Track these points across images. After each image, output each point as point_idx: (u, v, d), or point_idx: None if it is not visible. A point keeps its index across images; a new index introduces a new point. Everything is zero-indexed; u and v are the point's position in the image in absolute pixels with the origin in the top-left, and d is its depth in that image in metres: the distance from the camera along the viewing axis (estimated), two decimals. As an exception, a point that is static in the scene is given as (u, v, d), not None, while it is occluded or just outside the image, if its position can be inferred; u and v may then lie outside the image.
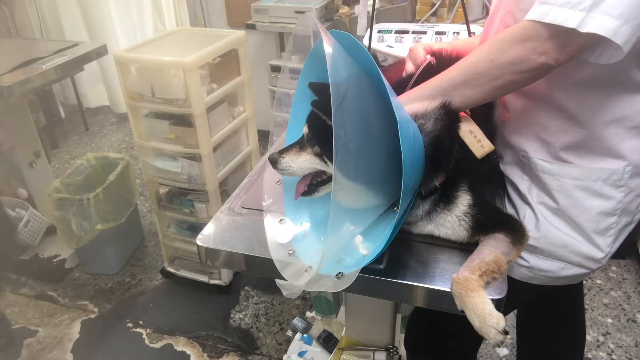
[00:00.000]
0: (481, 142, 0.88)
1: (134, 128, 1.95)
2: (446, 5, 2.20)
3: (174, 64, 1.73)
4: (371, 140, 0.76)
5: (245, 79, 2.09)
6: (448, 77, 0.85)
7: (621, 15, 0.69)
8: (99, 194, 2.18)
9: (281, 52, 2.95)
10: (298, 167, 0.85)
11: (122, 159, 2.42)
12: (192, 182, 2.00)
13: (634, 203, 0.90)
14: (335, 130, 0.64)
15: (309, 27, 0.86)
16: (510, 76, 0.79)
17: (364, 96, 0.75)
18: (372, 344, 1.44)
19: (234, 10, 3.30)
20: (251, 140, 2.27)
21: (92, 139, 3.88)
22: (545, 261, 0.95)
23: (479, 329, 0.75)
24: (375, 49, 1.92)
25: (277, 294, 2.30)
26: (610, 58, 0.75)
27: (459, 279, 0.78)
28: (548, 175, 0.91)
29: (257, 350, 2.05)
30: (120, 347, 2.11)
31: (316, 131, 0.83)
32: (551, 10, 0.73)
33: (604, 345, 2.00)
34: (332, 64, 0.65)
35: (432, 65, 1.04)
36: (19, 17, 3.55)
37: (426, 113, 0.84)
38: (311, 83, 0.89)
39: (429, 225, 0.89)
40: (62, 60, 2.10)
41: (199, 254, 0.97)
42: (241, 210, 1.05)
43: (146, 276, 2.49)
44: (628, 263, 2.41)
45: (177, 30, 2.20)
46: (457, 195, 0.86)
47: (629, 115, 0.84)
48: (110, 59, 2.07)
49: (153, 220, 2.69)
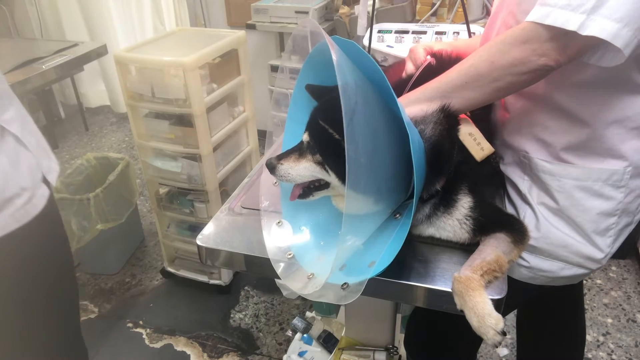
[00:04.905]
0: (481, 144, 0.88)
1: (134, 128, 1.95)
2: (446, 5, 2.20)
3: (174, 64, 1.73)
4: (379, 151, 0.75)
5: (245, 79, 2.09)
6: (448, 79, 0.85)
7: (622, 18, 0.69)
8: (99, 194, 2.18)
9: (281, 52, 2.95)
10: (297, 175, 0.83)
11: (122, 159, 2.42)
12: (192, 182, 2.00)
13: (634, 203, 0.90)
14: (347, 146, 0.63)
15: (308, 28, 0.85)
16: (511, 78, 0.79)
17: (371, 106, 0.74)
18: (372, 344, 1.44)
19: (234, 10, 3.30)
20: (251, 140, 2.27)
21: (92, 139, 3.88)
22: (545, 261, 0.95)
23: (478, 329, 0.75)
24: (375, 49, 1.92)
25: (277, 294, 2.31)
26: (611, 61, 0.75)
27: (460, 278, 0.79)
28: (548, 175, 0.91)
29: (257, 350, 2.05)
30: (120, 347, 2.11)
31: (318, 139, 0.81)
32: (552, 12, 0.73)
33: (604, 345, 2.00)
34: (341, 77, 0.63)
35: (432, 66, 1.04)
36: (19, 17, 3.55)
37: (425, 117, 0.84)
38: (308, 85, 0.88)
39: (430, 228, 0.89)
40: (62, 60, 2.11)
41: (199, 254, 0.97)
42: (241, 210, 1.05)
43: (146, 276, 2.49)
44: (628, 263, 2.41)
45: (177, 30, 2.20)
46: (458, 199, 0.86)
47: (629, 116, 0.84)
48: (110, 59, 2.07)
49: (153, 220, 2.69)
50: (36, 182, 1.05)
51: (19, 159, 1.01)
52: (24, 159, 1.02)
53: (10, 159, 0.98)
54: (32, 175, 1.04)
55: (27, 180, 1.02)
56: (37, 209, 1.04)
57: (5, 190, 0.96)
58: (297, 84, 0.91)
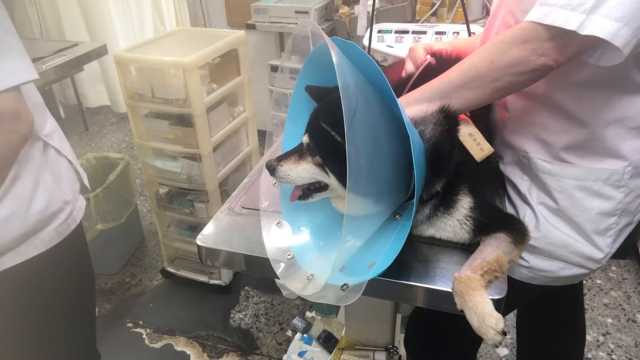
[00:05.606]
0: (480, 145, 0.88)
1: (133, 128, 1.95)
2: (446, 5, 2.20)
3: (174, 64, 1.73)
4: (379, 153, 0.75)
5: (245, 79, 2.09)
6: (447, 79, 0.85)
7: (621, 17, 0.69)
8: (99, 194, 2.18)
9: (281, 52, 2.95)
10: (297, 177, 0.83)
11: (122, 159, 2.42)
12: (192, 182, 2.00)
13: (634, 203, 0.90)
14: (348, 148, 0.63)
15: (308, 29, 0.85)
16: (510, 77, 0.79)
17: (372, 108, 0.74)
18: (372, 344, 1.44)
19: (234, 10, 3.30)
20: (251, 140, 2.27)
21: (92, 139, 3.88)
22: (545, 261, 0.95)
23: (478, 328, 0.75)
24: (375, 49, 1.92)
25: (277, 294, 2.31)
26: (611, 60, 0.75)
27: (461, 278, 0.79)
28: (548, 175, 0.91)
29: (257, 350, 2.05)
30: (120, 347, 2.11)
31: (318, 141, 0.81)
32: (551, 12, 0.73)
33: (604, 345, 2.00)
34: (342, 78, 0.63)
35: (432, 65, 1.03)
36: (19, 17, 3.55)
37: (425, 118, 0.84)
38: (308, 86, 0.88)
39: (430, 229, 0.89)
40: (62, 60, 2.11)
41: (199, 254, 0.97)
42: (241, 210, 1.05)
43: (146, 276, 2.49)
44: (628, 263, 2.41)
45: (177, 30, 2.20)
46: (458, 199, 0.86)
47: (629, 116, 0.84)
48: (110, 59, 2.07)
49: (153, 220, 2.69)
50: (75, 194, 1.08)
51: (60, 171, 1.03)
52: (64, 171, 1.05)
53: (53, 174, 1.01)
54: (72, 188, 1.07)
55: (69, 194, 1.04)
56: (76, 221, 1.07)
57: (51, 206, 0.98)
58: (296, 85, 0.91)
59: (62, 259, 1.05)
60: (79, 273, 1.15)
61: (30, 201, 0.94)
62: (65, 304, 1.12)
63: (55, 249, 1.01)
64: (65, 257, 1.06)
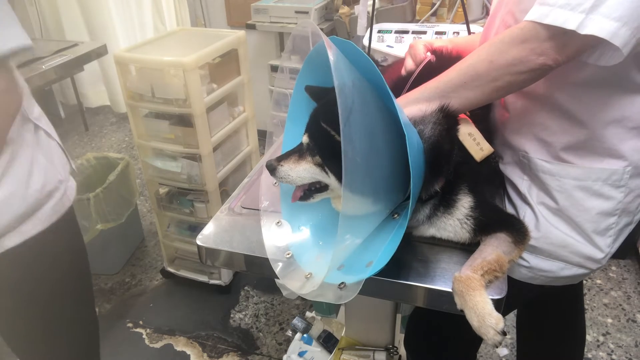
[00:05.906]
0: (480, 144, 0.88)
1: (133, 128, 1.95)
2: (446, 5, 2.20)
3: (173, 64, 1.73)
4: (376, 151, 0.75)
5: (245, 79, 2.09)
6: (446, 79, 0.85)
7: (620, 17, 0.69)
8: (99, 194, 2.18)
9: (281, 52, 2.95)
10: (297, 176, 0.84)
11: (122, 159, 2.42)
12: (192, 182, 2.00)
13: (634, 203, 0.90)
14: (343, 146, 0.63)
15: (307, 29, 0.85)
16: (510, 77, 0.79)
17: (369, 106, 0.74)
18: (372, 344, 1.44)
19: (234, 10, 3.30)
20: (251, 140, 2.27)
21: (92, 139, 3.88)
22: (545, 261, 0.95)
23: (478, 328, 0.75)
24: (375, 49, 1.92)
25: (277, 294, 2.31)
26: (610, 60, 0.75)
27: (461, 277, 0.79)
28: (548, 175, 0.91)
29: (257, 350, 2.05)
30: (120, 347, 2.11)
31: (318, 141, 0.81)
32: (551, 12, 0.73)
33: (604, 345, 2.00)
34: (338, 77, 0.64)
35: (432, 63, 1.03)
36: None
37: (424, 118, 0.83)
38: (308, 86, 0.88)
39: (431, 229, 0.89)
40: (62, 60, 2.11)
41: (199, 254, 0.97)
42: (241, 210, 1.05)
43: (146, 276, 2.49)
44: (628, 263, 2.41)
45: (177, 30, 2.20)
46: (458, 199, 0.86)
47: (629, 116, 0.84)
48: (110, 59, 2.07)
49: (153, 220, 2.69)
50: (67, 175, 1.11)
51: (52, 153, 1.06)
52: (55, 153, 1.08)
53: (46, 155, 1.03)
54: (64, 168, 1.10)
55: (62, 173, 1.07)
56: (70, 200, 1.10)
57: (47, 185, 1.01)
58: (296, 85, 0.91)
59: (59, 237, 1.08)
60: (74, 252, 1.17)
61: (28, 181, 0.97)
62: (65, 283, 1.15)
63: (53, 227, 1.04)
64: (61, 235, 1.09)
